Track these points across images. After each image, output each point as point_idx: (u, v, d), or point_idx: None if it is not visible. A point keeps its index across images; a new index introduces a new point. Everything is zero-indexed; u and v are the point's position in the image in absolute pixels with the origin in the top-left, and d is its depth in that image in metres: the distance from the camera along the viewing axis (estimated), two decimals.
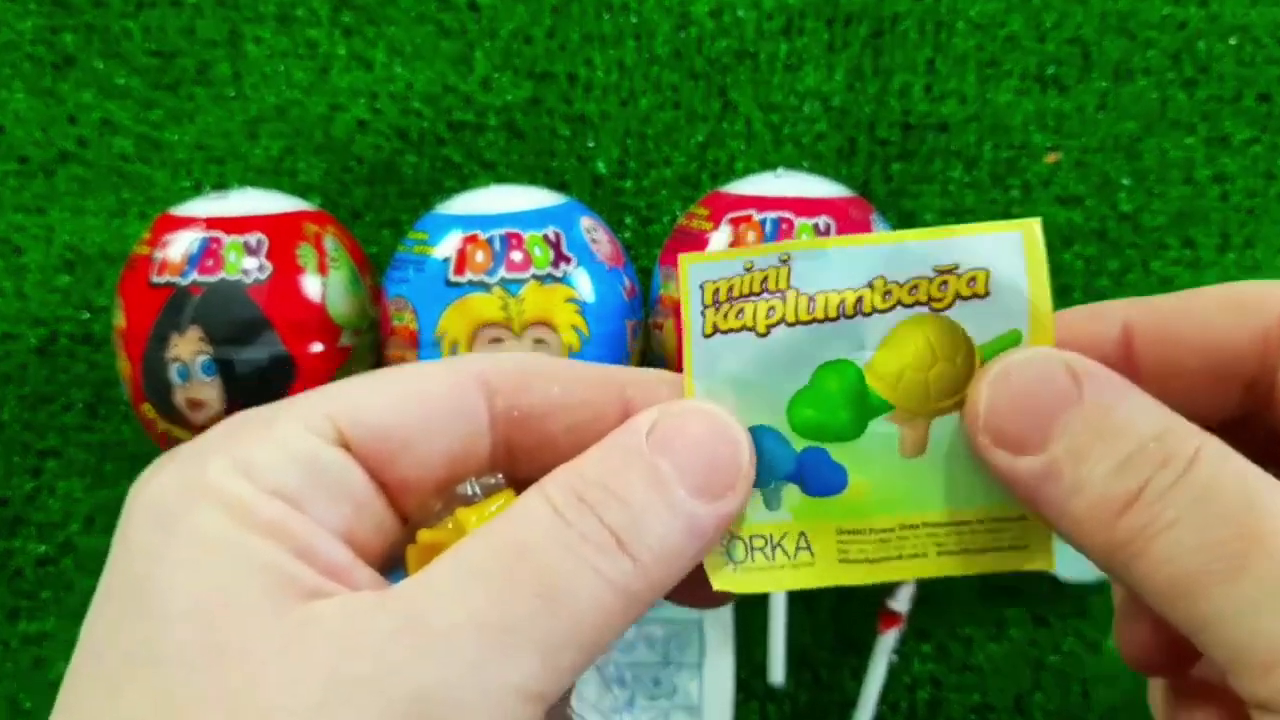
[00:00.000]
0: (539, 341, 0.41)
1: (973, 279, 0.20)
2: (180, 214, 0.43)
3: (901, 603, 0.47)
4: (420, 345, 0.41)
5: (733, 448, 0.20)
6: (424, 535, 0.20)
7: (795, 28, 0.49)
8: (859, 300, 0.21)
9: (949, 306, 0.20)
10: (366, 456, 0.20)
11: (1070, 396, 0.19)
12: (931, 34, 0.48)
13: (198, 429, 0.42)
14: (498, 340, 0.40)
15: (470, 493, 0.21)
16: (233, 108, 0.50)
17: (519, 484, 0.21)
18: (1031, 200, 0.49)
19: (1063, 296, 0.48)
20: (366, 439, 0.20)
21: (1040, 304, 0.20)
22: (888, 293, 0.20)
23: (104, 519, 0.50)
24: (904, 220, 0.49)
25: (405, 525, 0.22)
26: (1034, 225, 0.20)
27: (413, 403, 0.20)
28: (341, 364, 0.43)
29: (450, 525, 0.20)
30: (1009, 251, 0.20)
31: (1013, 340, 0.20)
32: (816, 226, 0.41)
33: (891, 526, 0.21)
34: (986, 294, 0.20)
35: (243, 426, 0.20)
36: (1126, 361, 0.20)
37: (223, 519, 0.18)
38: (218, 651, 0.16)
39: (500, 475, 0.21)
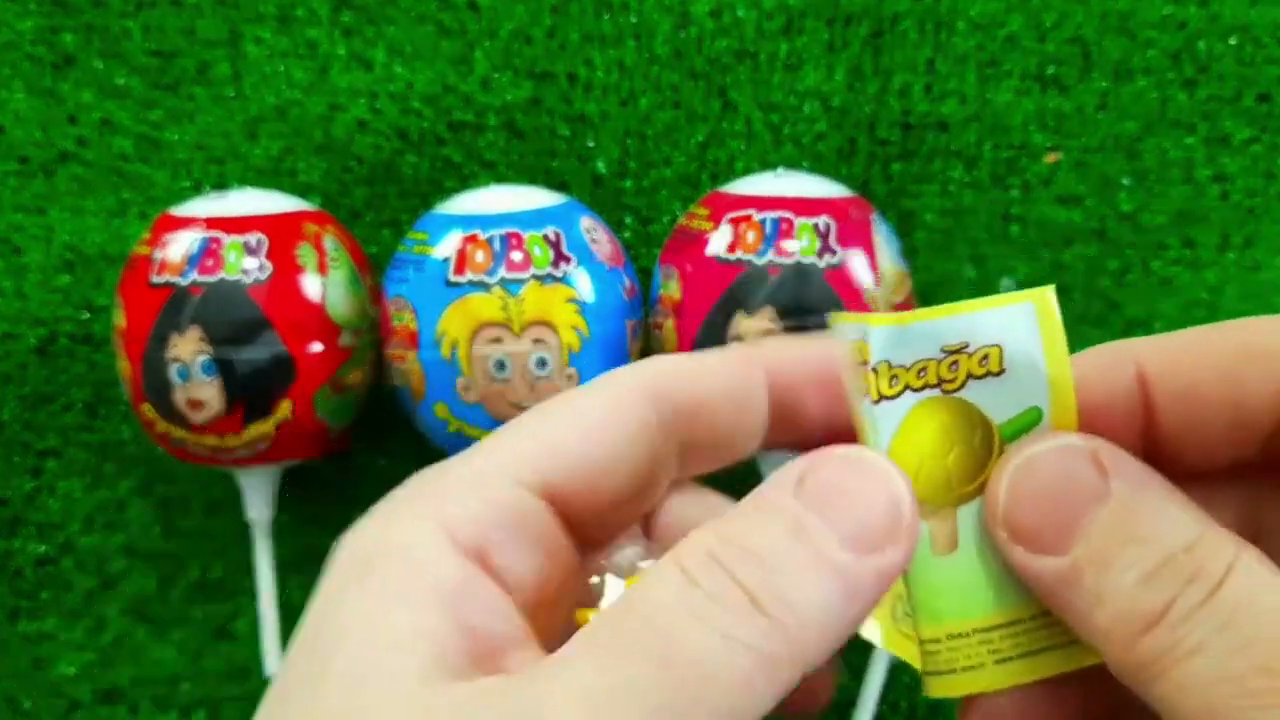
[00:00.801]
0: (538, 341, 0.41)
1: (985, 357, 0.19)
2: (180, 214, 0.43)
3: None
4: (420, 345, 0.41)
5: (892, 494, 0.18)
6: (580, 616, 0.20)
7: (795, 28, 0.49)
8: (867, 386, 0.19)
9: (961, 387, 0.19)
10: (565, 499, 0.20)
11: (1096, 493, 0.17)
12: (931, 34, 0.48)
13: (197, 429, 0.42)
14: (497, 340, 0.40)
15: (626, 565, 0.20)
16: (233, 108, 0.50)
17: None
18: (1031, 200, 0.49)
19: (1063, 296, 0.48)
20: (565, 482, 0.19)
21: (1059, 378, 0.19)
22: (894, 377, 0.19)
23: (104, 519, 0.50)
24: (903, 220, 0.49)
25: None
26: (1046, 294, 0.19)
27: (600, 435, 0.20)
28: (341, 364, 0.43)
29: (603, 600, 0.20)
30: (1022, 324, 0.19)
31: (1034, 419, 0.19)
32: (816, 226, 0.41)
33: (939, 637, 0.19)
34: (1001, 371, 0.19)
35: (448, 473, 0.19)
36: (1143, 407, 0.19)
37: (401, 583, 0.17)
38: (356, 717, 0.16)
39: (659, 551, 0.20)
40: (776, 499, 0.18)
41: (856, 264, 0.41)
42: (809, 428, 0.22)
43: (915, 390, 0.19)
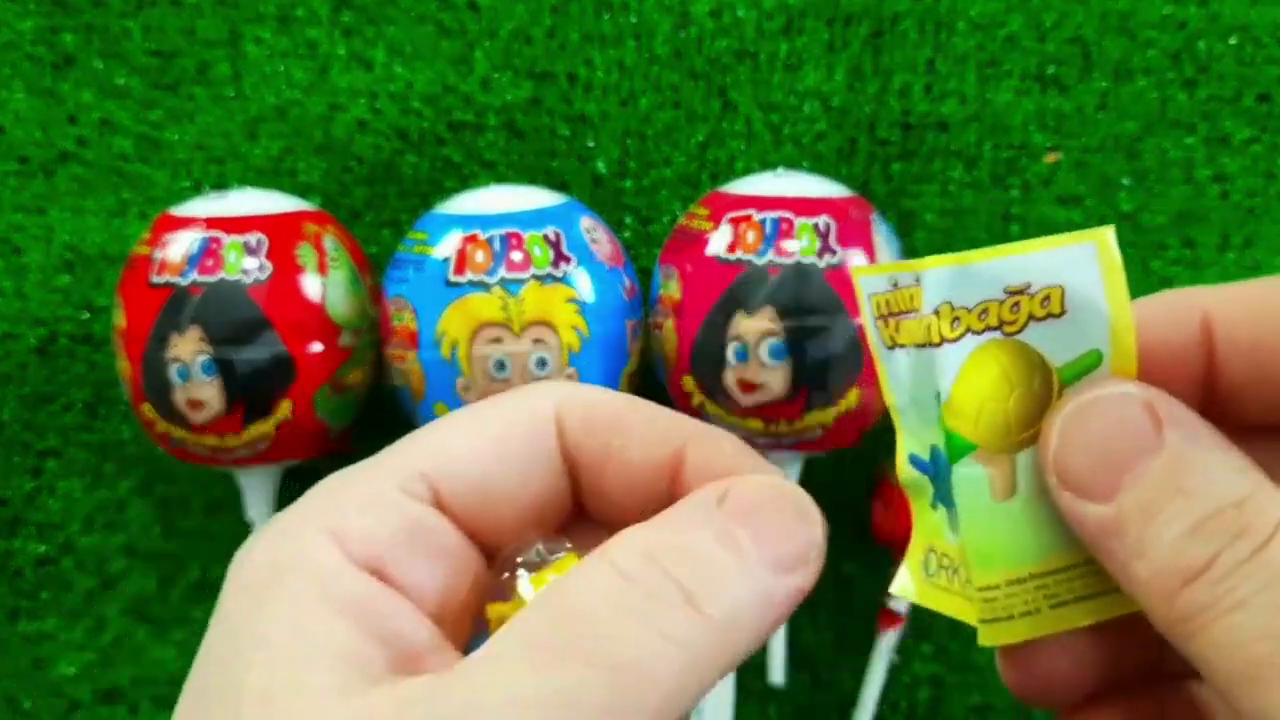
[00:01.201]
0: (538, 341, 0.41)
1: (1046, 298, 0.18)
2: (180, 214, 0.43)
3: (901, 603, 0.47)
4: (420, 345, 0.41)
5: (806, 520, 0.18)
6: (492, 610, 0.19)
7: (795, 28, 0.49)
8: (927, 329, 0.19)
9: (1022, 329, 0.19)
10: (459, 510, 0.20)
11: (1148, 444, 0.17)
12: (931, 34, 0.48)
13: (197, 429, 0.42)
14: (498, 340, 0.40)
15: (536, 559, 0.20)
16: (233, 108, 0.50)
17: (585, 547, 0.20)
18: (1031, 200, 0.49)
19: None
20: (460, 493, 0.20)
21: (1120, 320, 0.18)
22: (955, 319, 0.19)
23: (104, 519, 0.50)
24: (903, 220, 0.49)
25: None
26: (1106, 235, 0.18)
27: (497, 449, 0.20)
28: (341, 364, 0.43)
29: (516, 595, 0.19)
30: (1084, 265, 0.18)
31: (1093, 361, 0.18)
32: (816, 226, 0.41)
33: (996, 584, 0.19)
34: (1062, 313, 0.18)
35: (340, 488, 0.19)
36: (1205, 357, 0.19)
37: (308, 597, 0.17)
38: None
39: (567, 543, 0.20)
40: (703, 511, 0.18)
41: (856, 263, 0.41)
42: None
43: (976, 333, 0.19)
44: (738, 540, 0.17)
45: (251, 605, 0.18)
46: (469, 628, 0.20)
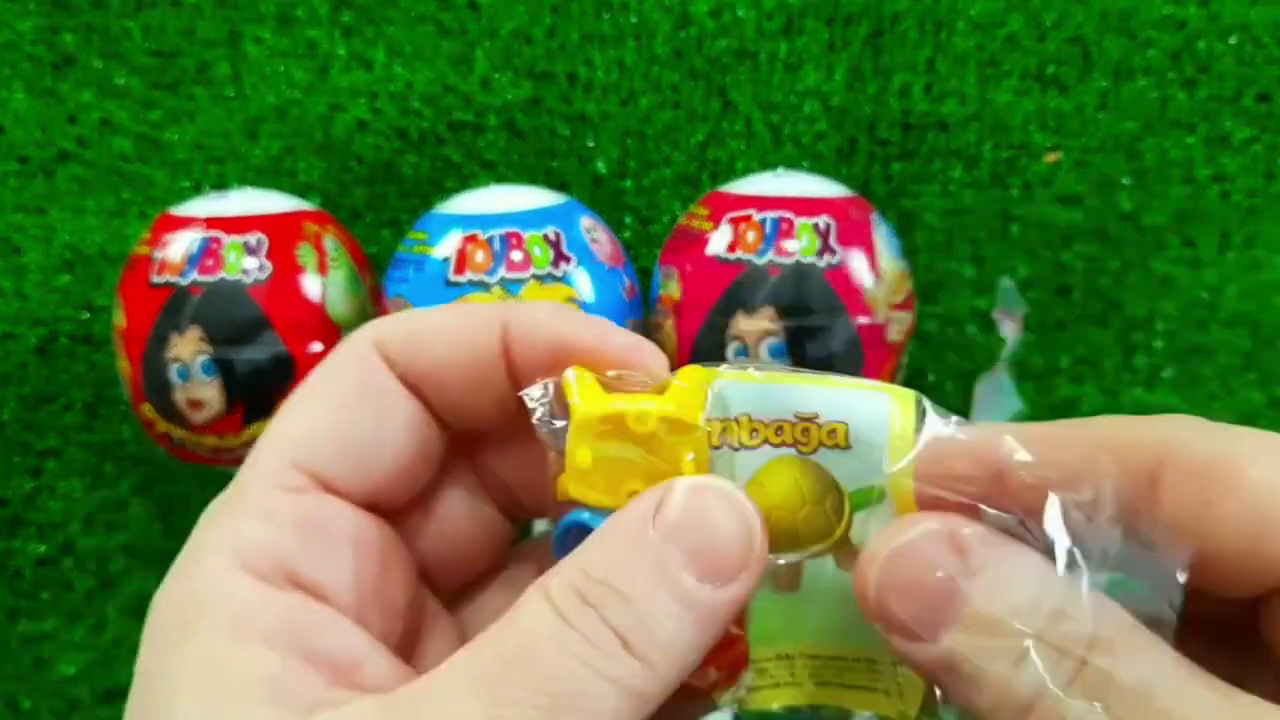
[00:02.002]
0: None
1: (833, 430, 0.19)
2: (180, 214, 0.43)
3: None
4: None
5: (744, 525, 0.19)
6: (564, 485, 0.20)
7: (795, 27, 0.49)
8: (724, 431, 0.20)
9: (814, 451, 0.20)
10: (341, 484, 0.20)
11: (957, 579, 0.18)
12: (931, 34, 0.48)
13: (197, 429, 0.42)
14: None
15: (547, 417, 0.20)
16: (232, 108, 0.50)
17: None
18: (1031, 200, 0.49)
19: (1063, 296, 0.48)
20: (335, 466, 0.20)
21: (899, 477, 0.19)
22: (754, 430, 0.20)
23: (104, 519, 0.50)
24: (903, 220, 0.49)
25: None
26: (909, 398, 0.19)
27: (345, 411, 0.20)
28: None
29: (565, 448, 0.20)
30: (874, 412, 0.19)
31: (877, 496, 0.19)
32: (816, 226, 0.41)
33: (768, 657, 0.21)
34: (848, 447, 0.19)
35: (226, 507, 0.20)
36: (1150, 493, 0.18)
37: (223, 636, 0.18)
38: None
39: (567, 371, 0.21)
40: (637, 530, 0.18)
41: (856, 264, 0.41)
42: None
43: (774, 445, 0.20)
44: (673, 575, 0.18)
45: (168, 650, 0.18)
46: (402, 603, 0.21)
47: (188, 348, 0.41)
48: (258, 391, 0.42)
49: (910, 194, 0.49)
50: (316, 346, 0.42)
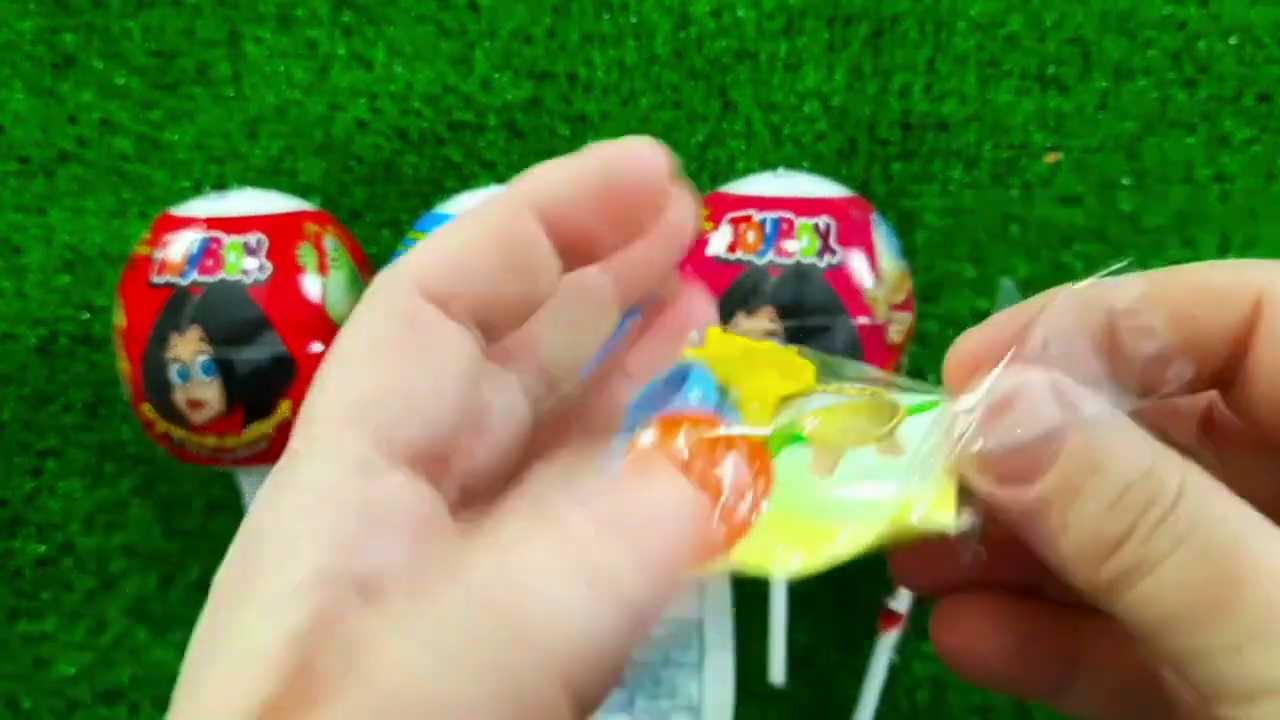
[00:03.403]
0: None
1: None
2: (180, 214, 0.43)
3: (901, 603, 0.47)
4: None
5: (680, 514, 0.19)
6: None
7: (795, 28, 0.49)
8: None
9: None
10: (417, 455, 0.19)
11: (1060, 428, 0.18)
12: (931, 34, 0.48)
13: (197, 429, 0.42)
14: None
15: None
16: (232, 108, 0.50)
17: None
18: (1031, 200, 0.49)
19: None
20: (406, 444, 0.19)
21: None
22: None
23: (104, 519, 0.50)
24: (903, 220, 0.49)
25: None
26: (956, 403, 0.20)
27: (400, 371, 0.19)
28: None
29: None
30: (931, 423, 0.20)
31: (931, 406, 0.20)
32: (816, 226, 0.41)
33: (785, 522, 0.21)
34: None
35: (289, 487, 0.19)
36: (1233, 347, 0.20)
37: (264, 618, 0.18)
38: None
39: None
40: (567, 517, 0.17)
41: (856, 264, 0.41)
42: (603, 250, 0.21)
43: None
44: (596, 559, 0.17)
45: (220, 624, 0.18)
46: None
47: (188, 348, 0.41)
48: (258, 391, 0.42)
49: (910, 194, 0.49)
50: (316, 346, 0.42)
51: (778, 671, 0.48)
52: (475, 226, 0.20)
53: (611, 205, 0.20)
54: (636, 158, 0.21)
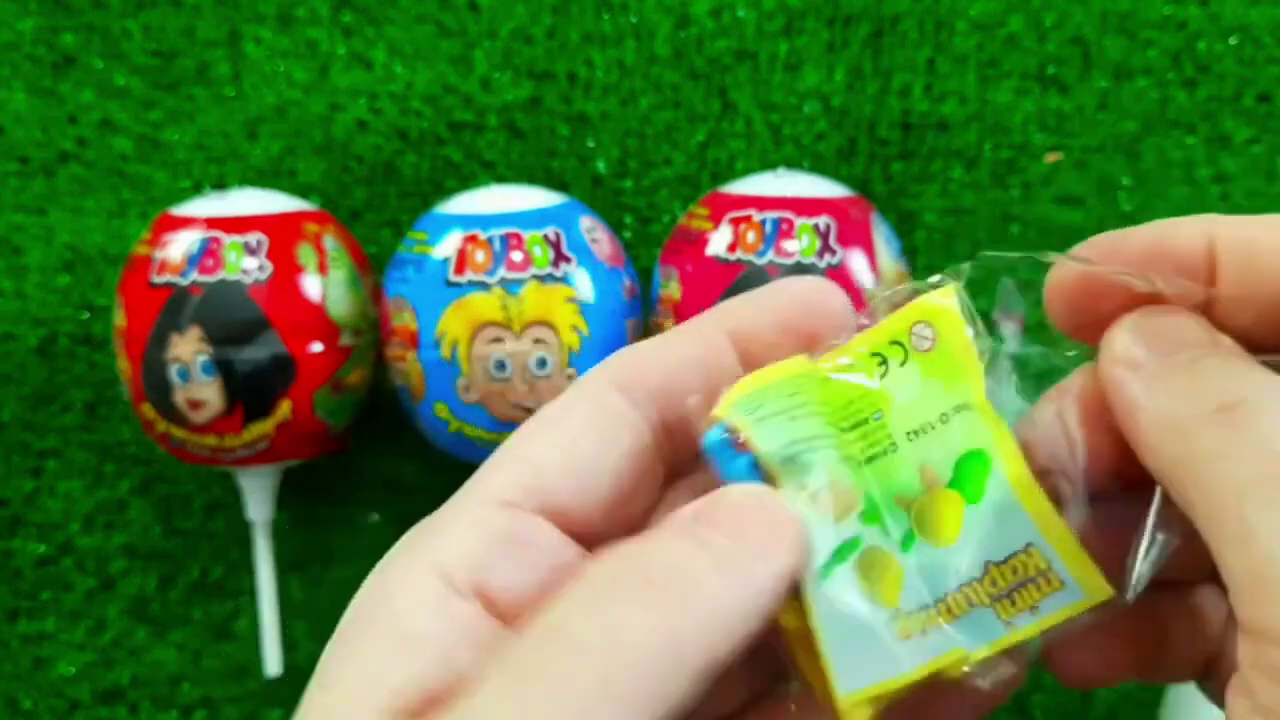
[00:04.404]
0: (539, 341, 0.41)
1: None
2: (180, 214, 0.43)
3: None
4: (420, 345, 0.41)
5: (781, 523, 0.19)
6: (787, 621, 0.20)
7: (795, 28, 0.49)
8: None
9: None
10: (562, 513, 0.20)
11: (1205, 347, 0.19)
12: (931, 34, 0.48)
13: (197, 429, 0.42)
14: (498, 340, 0.40)
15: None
16: (232, 108, 0.50)
17: None
18: (1031, 200, 0.49)
19: None
20: (558, 497, 0.20)
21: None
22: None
23: (104, 519, 0.50)
24: (903, 220, 0.49)
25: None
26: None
27: (581, 442, 0.21)
28: (341, 364, 0.43)
29: None
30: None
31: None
32: (816, 226, 0.41)
33: None
34: None
35: (444, 512, 0.20)
36: (1207, 280, 0.21)
37: (382, 636, 0.18)
38: None
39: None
40: (675, 527, 0.19)
41: (856, 264, 0.41)
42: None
43: None
44: (708, 539, 0.18)
45: (341, 649, 0.19)
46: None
47: (188, 348, 0.41)
48: (258, 391, 0.42)
49: (910, 194, 0.49)
50: (316, 346, 0.42)
51: None
52: (675, 336, 0.22)
53: (796, 335, 0.22)
54: (820, 291, 0.22)
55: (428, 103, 0.49)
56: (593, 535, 0.21)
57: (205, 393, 0.41)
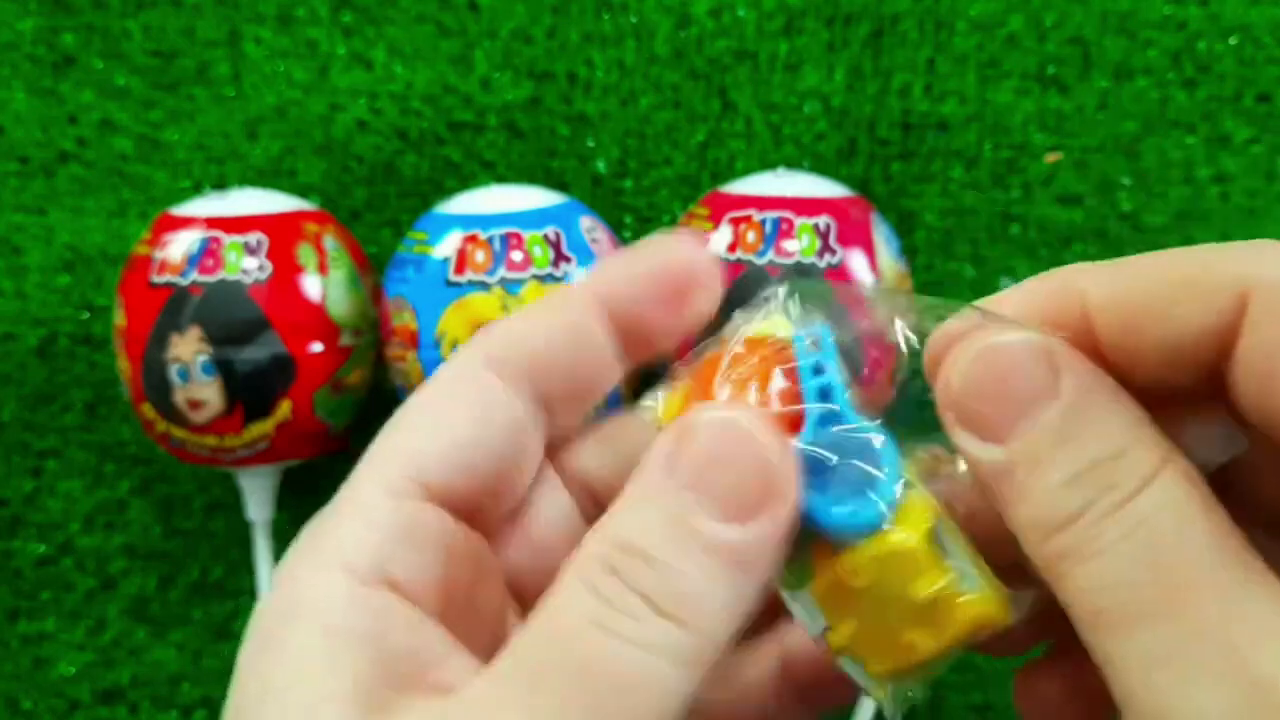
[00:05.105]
0: None
1: None
2: (180, 214, 0.43)
3: None
4: (420, 345, 0.41)
5: (758, 454, 0.18)
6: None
7: (795, 28, 0.49)
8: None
9: None
10: (452, 495, 0.21)
11: (1045, 392, 0.17)
12: (931, 34, 0.48)
13: (197, 429, 0.42)
14: None
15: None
16: (232, 108, 0.50)
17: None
18: (1031, 200, 0.49)
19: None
20: (445, 481, 0.20)
21: None
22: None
23: (104, 519, 0.50)
24: (903, 220, 0.49)
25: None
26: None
27: (460, 424, 0.21)
28: (341, 364, 0.43)
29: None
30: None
31: None
32: (817, 226, 0.41)
33: None
34: None
35: (333, 514, 0.20)
36: (1085, 335, 0.19)
37: (310, 637, 0.18)
38: None
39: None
40: (653, 482, 0.18)
41: (856, 264, 0.41)
42: (662, 340, 0.23)
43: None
44: (692, 523, 0.17)
45: (258, 655, 0.19)
46: (488, 605, 0.22)
47: (188, 348, 0.41)
48: (258, 391, 0.42)
49: (910, 194, 0.49)
50: (316, 346, 0.42)
51: None
52: (545, 311, 0.22)
53: (665, 293, 0.22)
54: (685, 248, 0.22)
55: (428, 103, 0.49)
56: (481, 511, 0.21)
57: (205, 393, 0.41)
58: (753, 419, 0.18)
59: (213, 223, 0.42)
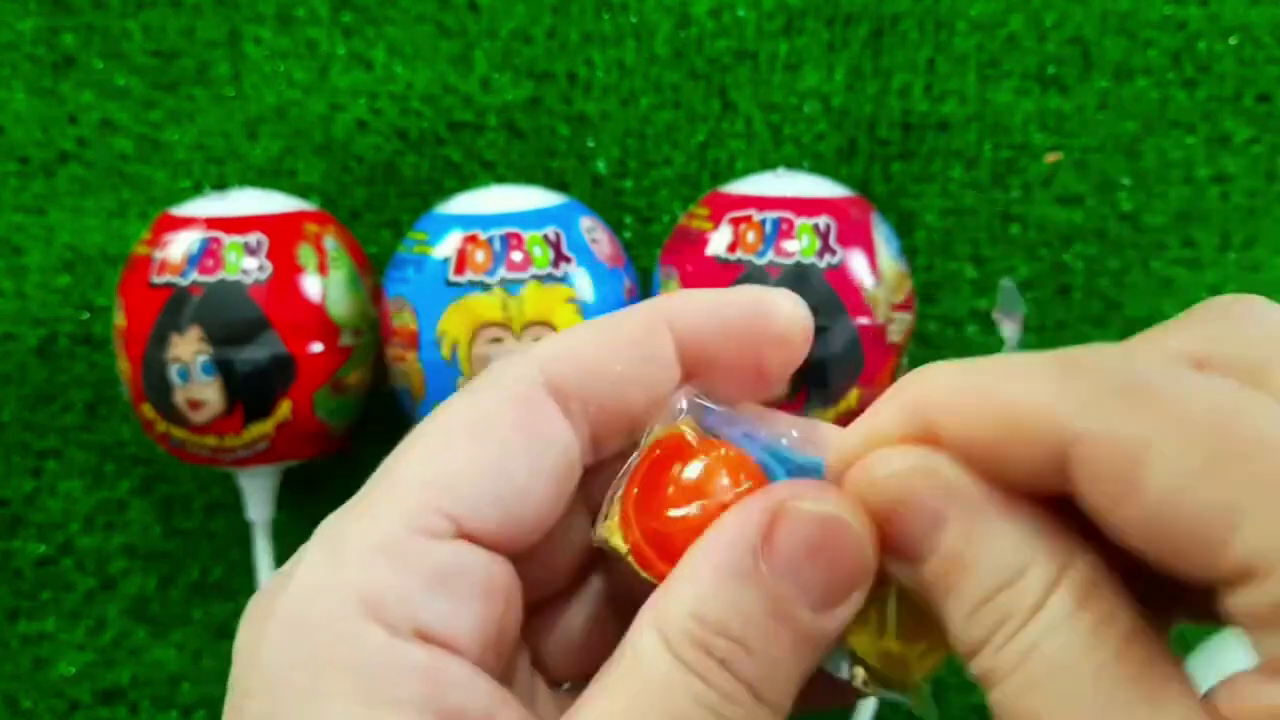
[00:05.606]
0: (539, 341, 0.41)
1: None
2: (180, 214, 0.43)
3: None
4: (420, 345, 0.41)
5: (855, 548, 0.18)
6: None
7: (795, 27, 0.49)
8: None
9: None
10: (483, 533, 0.19)
11: (937, 519, 0.17)
12: (931, 34, 0.48)
13: (197, 429, 0.42)
14: (498, 340, 0.40)
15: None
16: (232, 108, 0.50)
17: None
18: (1031, 200, 0.49)
19: (1064, 296, 0.48)
20: (479, 517, 0.19)
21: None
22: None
23: (104, 519, 0.50)
24: (903, 220, 0.49)
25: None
26: None
27: (508, 459, 0.19)
28: (341, 364, 0.43)
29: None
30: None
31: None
32: (816, 226, 0.41)
33: None
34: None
35: (356, 542, 0.18)
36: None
37: (352, 701, 0.17)
38: None
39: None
40: (743, 566, 0.18)
41: (856, 264, 0.41)
42: (722, 378, 0.21)
43: None
44: (785, 605, 0.18)
45: (290, 711, 0.17)
46: (508, 650, 0.20)
47: (188, 348, 0.41)
48: (258, 392, 0.42)
49: (910, 194, 0.49)
50: (316, 346, 0.42)
51: None
52: (612, 332, 0.20)
53: (746, 344, 0.21)
54: (784, 308, 0.20)
55: (428, 103, 0.49)
56: (515, 548, 0.20)
57: (205, 393, 0.41)
58: (850, 508, 0.18)
59: (213, 223, 0.42)
